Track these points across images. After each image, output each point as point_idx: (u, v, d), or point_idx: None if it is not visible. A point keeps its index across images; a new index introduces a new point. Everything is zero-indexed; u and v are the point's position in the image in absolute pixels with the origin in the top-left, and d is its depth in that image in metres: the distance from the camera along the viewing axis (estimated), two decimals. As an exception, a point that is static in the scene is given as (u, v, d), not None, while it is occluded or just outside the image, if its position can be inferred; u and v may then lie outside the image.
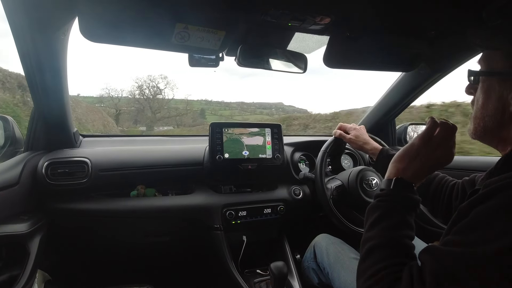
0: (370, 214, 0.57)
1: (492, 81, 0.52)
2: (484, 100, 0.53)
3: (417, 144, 0.61)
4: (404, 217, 0.54)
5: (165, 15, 0.66)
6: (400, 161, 0.61)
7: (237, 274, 1.12)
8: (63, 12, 0.69)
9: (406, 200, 0.57)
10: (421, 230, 1.28)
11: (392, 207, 0.56)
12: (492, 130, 0.53)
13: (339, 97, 19.67)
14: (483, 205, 0.42)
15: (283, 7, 0.70)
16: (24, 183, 0.94)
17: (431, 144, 0.60)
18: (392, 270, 0.47)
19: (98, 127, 11.72)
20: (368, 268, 0.50)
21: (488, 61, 0.54)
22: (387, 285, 0.46)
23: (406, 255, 0.50)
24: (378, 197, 0.58)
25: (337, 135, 1.08)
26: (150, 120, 13.32)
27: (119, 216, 1.10)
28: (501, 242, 0.38)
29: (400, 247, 0.51)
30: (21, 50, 0.81)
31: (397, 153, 0.63)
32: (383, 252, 0.51)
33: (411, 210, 0.56)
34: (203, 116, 11.76)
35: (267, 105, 13.71)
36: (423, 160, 0.60)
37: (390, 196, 0.57)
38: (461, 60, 1.05)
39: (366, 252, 0.53)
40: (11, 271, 0.86)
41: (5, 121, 1.08)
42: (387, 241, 0.52)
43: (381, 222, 0.54)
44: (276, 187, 1.31)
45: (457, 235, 0.43)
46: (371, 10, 0.76)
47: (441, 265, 0.42)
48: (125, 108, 14.02)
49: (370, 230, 0.55)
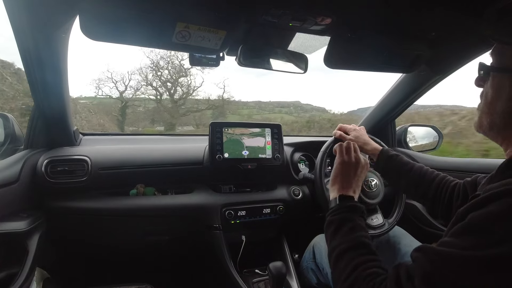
0: (328, 228, 0.66)
1: (503, 78, 0.51)
2: (494, 97, 0.52)
3: (339, 165, 0.79)
4: (356, 222, 0.63)
5: (166, 14, 0.66)
6: (334, 183, 0.76)
7: (235, 273, 1.12)
8: (64, 11, 0.69)
9: (353, 208, 0.67)
10: (419, 231, 1.28)
11: (343, 216, 0.65)
12: (499, 127, 0.53)
13: (357, 94, 19.57)
14: (480, 210, 0.42)
15: (284, 7, 0.70)
16: (23, 181, 0.94)
17: (348, 160, 0.78)
18: (362, 267, 0.53)
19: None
20: (341, 272, 0.55)
21: (500, 56, 0.52)
22: (364, 281, 0.50)
23: (368, 252, 0.57)
24: (330, 214, 0.68)
25: (337, 135, 1.08)
26: (171, 114, 9.82)
27: (118, 215, 1.10)
28: (494, 250, 0.38)
29: (361, 245, 0.58)
30: (21, 49, 0.81)
31: (330, 180, 0.79)
32: (348, 254, 0.57)
33: (360, 215, 0.66)
34: (223, 114, 11.40)
35: (284, 104, 13.51)
36: (350, 174, 0.76)
37: (338, 210, 0.68)
38: (462, 61, 1.05)
39: (334, 260, 0.59)
40: (9, 269, 0.86)
41: (5, 118, 1.09)
42: (349, 244, 0.59)
43: (339, 231, 0.62)
44: (276, 187, 1.31)
45: (453, 237, 0.43)
46: (372, 11, 0.76)
47: (432, 264, 0.42)
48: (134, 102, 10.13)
49: (332, 241, 0.62)
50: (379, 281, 0.49)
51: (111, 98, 10.09)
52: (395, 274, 0.46)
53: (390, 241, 1.05)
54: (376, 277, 0.50)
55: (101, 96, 9.95)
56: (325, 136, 1.54)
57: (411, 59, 0.99)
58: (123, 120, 9.91)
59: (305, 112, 13.38)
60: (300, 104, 13.88)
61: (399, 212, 1.10)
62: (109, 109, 9.95)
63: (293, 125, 9.12)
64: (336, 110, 11.30)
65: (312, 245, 1.09)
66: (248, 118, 12.43)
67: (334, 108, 16.47)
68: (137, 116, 10.67)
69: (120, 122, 9.76)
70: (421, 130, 1.62)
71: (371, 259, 0.54)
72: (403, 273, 0.45)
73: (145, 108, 10.96)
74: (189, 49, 0.82)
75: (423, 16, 0.78)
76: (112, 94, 10.17)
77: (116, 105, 10.02)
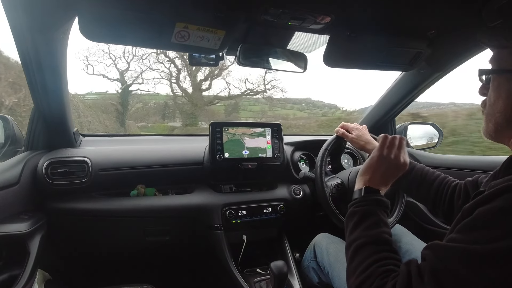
0: (349, 220, 0.64)
1: (502, 79, 0.53)
2: (495, 97, 0.54)
3: (376, 157, 0.73)
4: (379, 216, 0.61)
5: (165, 14, 0.66)
6: (365, 173, 0.72)
7: (237, 273, 1.12)
8: (63, 12, 0.69)
9: (377, 202, 0.64)
10: (421, 230, 1.28)
11: (367, 209, 0.63)
12: (503, 126, 0.54)
13: (367, 91, 19.47)
14: (487, 205, 0.42)
15: (283, 6, 0.70)
16: (24, 183, 0.94)
17: (387, 156, 0.72)
18: (380, 264, 0.52)
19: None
20: (357, 266, 0.54)
21: (498, 59, 0.54)
22: (378, 277, 0.50)
23: (389, 250, 0.56)
24: (353, 205, 0.66)
25: (340, 133, 1.08)
26: (193, 102, 8.07)
27: (119, 215, 1.10)
28: (501, 243, 0.38)
29: (382, 241, 0.57)
30: (20, 50, 0.81)
31: (362, 167, 0.74)
32: (368, 249, 0.56)
33: (383, 210, 0.64)
34: (236, 110, 11.12)
35: (296, 100, 13.32)
36: (382, 169, 0.71)
37: (363, 202, 0.65)
38: (462, 59, 1.05)
39: (352, 253, 0.58)
40: (11, 271, 0.86)
41: (5, 120, 1.08)
42: (370, 239, 0.57)
43: (361, 224, 0.61)
44: (276, 187, 1.31)
45: (459, 233, 0.44)
46: (371, 9, 0.76)
47: (441, 261, 0.42)
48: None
49: (352, 233, 0.61)
50: (391, 277, 0.49)
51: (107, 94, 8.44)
52: (406, 271, 0.46)
53: None
54: (391, 274, 0.50)
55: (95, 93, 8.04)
56: (325, 135, 1.54)
57: (410, 57, 0.99)
58: (124, 111, 8.58)
59: (317, 108, 13.24)
60: (311, 101, 13.71)
61: (399, 212, 1.10)
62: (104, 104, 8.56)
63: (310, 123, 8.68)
64: (349, 107, 10.98)
65: (313, 244, 1.09)
66: (261, 114, 12.22)
67: (346, 105, 16.00)
68: (147, 111, 9.99)
69: (120, 114, 8.43)
70: (421, 128, 1.62)
71: (390, 257, 0.54)
72: (414, 269, 0.45)
73: (156, 104, 10.21)
74: (188, 50, 0.82)
75: (423, 14, 0.78)
76: (108, 75, 7.90)
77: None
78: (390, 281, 0.48)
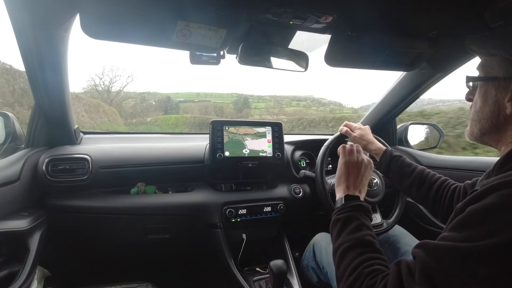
0: (333, 227, 0.67)
1: (489, 86, 0.54)
2: (481, 104, 0.56)
3: (343, 165, 0.79)
4: (361, 220, 0.64)
5: (166, 12, 0.66)
6: (339, 184, 0.77)
7: (236, 272, 1.12)
8: (64, 9, 0.69)
9: (358, 207, 0.68)
10: (422, 230, 1.28)
11: (349, 216, 0.66)
12: (489, 132, 0.56)
13: (371, 88, 19.36)
14: (478, 203, 0.42)
15: (285, 5, 0.70)
16: (24, 180, 0.94)
17: (351, 160, 0.79)
18: (366, 264, 0.54)
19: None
20: (344, 269, 0.56)
21: (485, 67, 0.56)
22: (367, 278, 0.51)
23: (373, 250, 0.57)
24: (336, 213, 0.69)
25: (343, 131, 1.09)
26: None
27: (119, 213, 1.11)
28: (491, 240, 0.38)
29: (365, 243, 0.59)
30: (22, 47, 0.81)
31: (335, 180, 0.80)
32: (353, 252, 0.58)
33: (364, 214, 0.67)
34: (247, 105, 11.07)
35: (300, 98, 13.35)
36: (354, 173, 0.76)
37: (345, 209, 0.68)
38: (463, 60, 1.05)
39: (339, 257, 0.60)
40: (11, 268, 0.86)
41: (5, 117, 1.08)
42: (354, 242, 0.59)
43: (344, 230, 0.63)
44: (276, 186, 1.31)
45: (450, 231, 0.44)
46: (373, 9, 0.75)
47: (431, 259, 0.43)
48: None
49: (337, 239, 0.63)
50: (381, 277, 0.49)
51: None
52: (396, 270, 0.47)
53: (390, 240, 1.05)
54: (379, 273, 0.51)
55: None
56: (326, 135, 1.54)
57: (412, 57, 0.99)
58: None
59: (323, 106, 13.22)
60: (314, 98, 13.70)
61: (399, 213, 1.10)
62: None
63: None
64: (354, 105, 11.01)
65: (313, 244, 1.10)
66: (267, 112, 12.12)
67: (349, 102, 16.02)
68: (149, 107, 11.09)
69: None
70: (422, 128, 1.62)
71: (375, 257, 0.55)
72: (404, 268, 0.46)
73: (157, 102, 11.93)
74: (189, 48, 0.82)
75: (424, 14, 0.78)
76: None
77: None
78: (380, 282, 0.48)
